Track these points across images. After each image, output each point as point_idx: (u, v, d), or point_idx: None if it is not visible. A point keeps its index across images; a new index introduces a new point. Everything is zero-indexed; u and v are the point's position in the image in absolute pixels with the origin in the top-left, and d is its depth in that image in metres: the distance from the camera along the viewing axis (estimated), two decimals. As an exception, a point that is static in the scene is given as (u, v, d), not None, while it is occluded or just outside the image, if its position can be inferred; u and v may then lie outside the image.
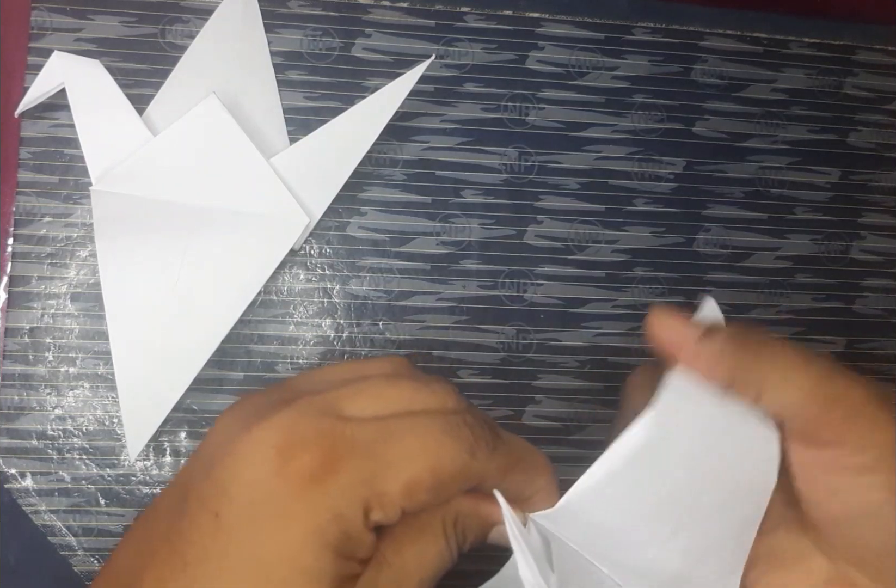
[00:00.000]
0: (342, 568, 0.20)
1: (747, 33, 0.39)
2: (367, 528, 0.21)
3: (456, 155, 0.37)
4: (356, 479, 0.20)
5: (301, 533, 0.20)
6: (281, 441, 0.21)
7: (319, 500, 0.20)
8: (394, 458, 0.21)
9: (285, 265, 0.35)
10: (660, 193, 0.38)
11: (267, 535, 0.20)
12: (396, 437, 0.21)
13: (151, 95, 0.35)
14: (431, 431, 0.21)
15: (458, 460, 0.21)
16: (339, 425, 0.21)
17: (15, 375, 0.33)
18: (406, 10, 0.37)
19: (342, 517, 0.20)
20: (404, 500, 0.21)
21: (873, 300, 0.39)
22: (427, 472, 0.21)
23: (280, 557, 0.20)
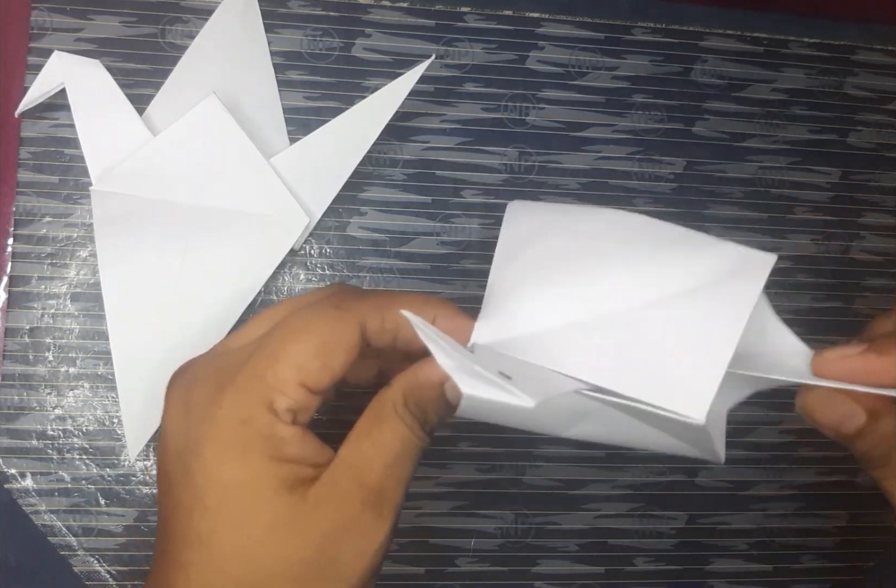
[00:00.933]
0: (278, 472, 0.21)
1: (747, 33, 0.39)
2: (282, 420, 0.21)
3: (456, 155, 0.37)
4: (248, 383, 0.22)
5: (216, 453, 0.21)
6: (181, 392, 0.23)
7: (220, 417, 0.21)
8: (274, 349, 0.22)
9: (285, 265, 0.35)
10: (660, 193, 0.38)
11: (194, 468, 0.21)
12: (272, 334, 0.22)
13: (151, 95, 0.35)
14: (300, 313, 0.23)
15: (328, 317, 0.22)
16: (225, 355, 0.23)
17: (15, 375, 0.33)
18: (406, 10, 0.37)
19: (248, 420, 0.21)
20: (298, 374, 0.21)
21: (873, 300, 0.39)
22: (303, 341, 0.22)
23: (208, 482, 0.21)
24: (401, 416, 0.22)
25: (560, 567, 0.36)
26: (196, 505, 0.21)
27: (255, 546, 0.21)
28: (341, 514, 0.21)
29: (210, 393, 0.22)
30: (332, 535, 0.21)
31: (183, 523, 0.22)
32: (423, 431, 0.23)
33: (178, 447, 0.22)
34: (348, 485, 0.22)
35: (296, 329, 0.22)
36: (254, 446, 0.21)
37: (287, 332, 0.22)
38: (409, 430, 0.22)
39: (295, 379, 0.22)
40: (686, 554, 0.37)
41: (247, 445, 0.21)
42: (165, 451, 0.23)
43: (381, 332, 0.23)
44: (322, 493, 0.21)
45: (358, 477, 0.22)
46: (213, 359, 0.24)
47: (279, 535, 0.21)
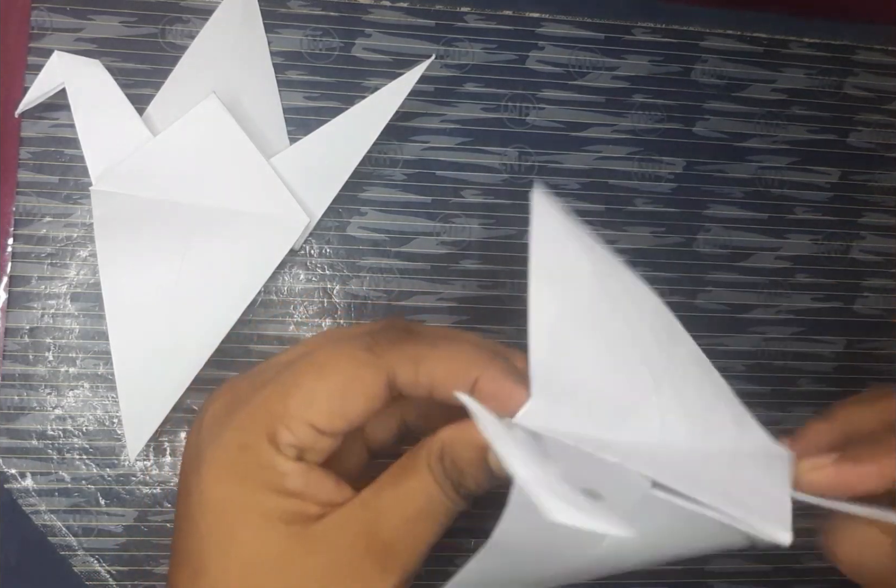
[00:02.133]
0: (277, 503, 0.20)
1: (747, 33, 0.39)
2: (284, 454, 0.20)
3: (456, 155, 0.37)
4: (253, 409, 0.20)
5: (213, 473, 0.20)
6: (203, 409, 0.22)
7: (222, 438, 0.20)
8: (286, 382, 0.21)
9: (285, 265, 0.35)
10: (660, 193, 0.38)
11: (193, 486, 0.21)
12: (293, 365, 0.21)
13: (151, 95, 0.35)
14: (325, 348, 0.21)
15: (353, 359, 0.20)
16: (248, 375, 0.22)
17: (15, 375, 0.33)
18: (406, 10, 0.37)
19: (247, 447, 0.20)
20: (305, 412, 0.20)
21: (873, 300, 0.39)
22: (318, 379, 0.20)
23: (203, 503, 0.20)
24: (433, 470, 0.20)
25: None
26: (190, 527, 0.21)
27: (242, 578, 0.20)
28: (339, 559, 0.20)
29: (222, 414, 0.21)
30: (324, 579, 0.20)
31: (179, 542, 0.21)
32: (455, 493, 0.21)
33: (186, 463, 0.22)
34: (356, 529, 0.20)
35: (317, 365, 0.21)
36: (250, 474, 0.20)
37: (308, 367, 0.21)
38: (438, 487, 0.20)
39: (302, 417, 0.20)
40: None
41: (244, 472, 0.20)
42: (181, 466, 0.22)
43: (415, 385, 0.21)
44: (324, 532, 0.20)
45: (369, 524, 0.20)
46: (241, 379, 0.23)
47: (267, 569, 0.20)
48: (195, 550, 0.20)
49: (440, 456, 0.20)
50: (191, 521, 0.21)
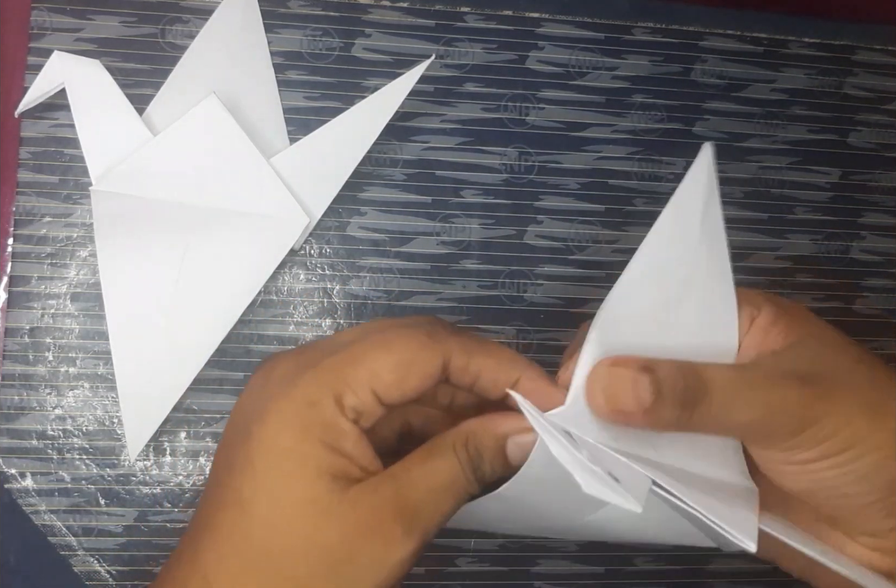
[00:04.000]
0: (329, 459, 0.22)
1: (747, 33, 0.39)
2: (346, 415, 0.22)
3: (456, 155, 0.37)
4: (324, 371, 0.23)
5: (279, 423, 0.22)
6: (267, 367, 0.24)
7: (292, 393, 0.23)
8: (358, 352, 0.23)
9: (285, 265, 0.35)
10: (660, 193, 0.38)
11: (254, 432, 0.22)
12: (363, 339, 0.24)
13: (151, 95, 0.35)
14: (394, 329, 0.24)
15: (416, 340, 0.23)
16: (315, 344, 0.25)
17: (15, 375, 0.33)
18: (406, 10, 0.37)
19: (314, 404, 0.22)
20: (371, 381, 0.22)
21: (873, 300, 0.39)
22: (386, 353, 0.23)
23: (263, 447, 0.22)
24: (457, 453, 0.23)
25: (560, 567, 0.36)
26: (246, 466, 0.22)
27: (286, 520, 0.22)
28: (373, 518, 0.22)
29: (290, 372, 0.23)
30: (357, 533, 0.22)
31: (227, 483, 0.23)
32: (473, 476, 0.23)
33: (247, 410, 0.24)
34: (388, 494, 0.22)
35: (385, 341, 0.23)
36: (314, 428, 0.22)
37: (376, 342, 0.23)
38: (461, 468, 0.23)
39: (368, 383, 0.23)
40: (686, 554, 0.37)
41: (308, 426, 0.22)
42: (236, 412, 0.24)
43: (464, 373, 0.24)
44: (362, 493, 0.22)
45: (400, 490, 0.22)
46: (301, 348, 0.25)
47: (311, 516, 0.22)
48: (246, 491, 0.22)
49: (465, 442, 0.23)
50: (246, 464, 0.22)
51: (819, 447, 0.22)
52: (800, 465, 0.23)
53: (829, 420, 0.22)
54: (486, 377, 0.24)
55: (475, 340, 0.24)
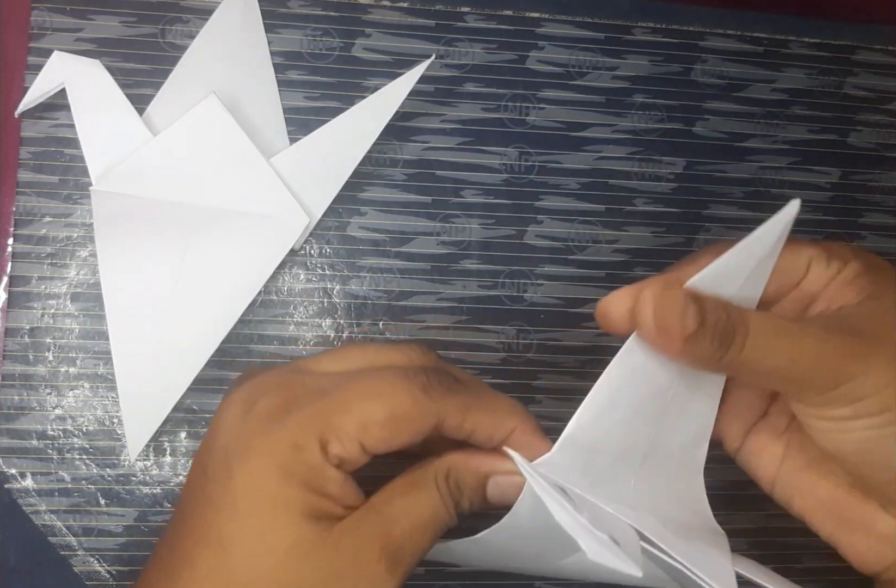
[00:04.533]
0: (313, 501, 0.22)
1: (747, 33, 0.39)
2: (330, 462, 0.22)
3: (456, 155, 0.37)
4: (312, 415, 0.23)
5: (262, 464, 0.22)
6: (246, 394, 0.24)
7: (277, 434, 0.22)
8: (349, 399, 0.23)
9: (285, 265, 0.35)
10: (660, 193, 0.38)
11: (236, 471, 0.22)
12: (353, 382, 0.23)
13: (151, 95, 0.35)
14: (386, 377, 0.23)
15: (411, 397, 0.23)
16: (300, 376, 0.24)
17: (15, 375, 0.33)
18: (406, 10, 0.37)
19: (300, 448, 0.22)
20: (359, 433, 0.22)
21: (873, 300, 0.39)
22: (378, 406, 0.22)
23: (247, 488, 0.22)
24: (439, 488, 0.23)
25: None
26: (228, 506, 0.22)
27: (270, 561, 0.22)
28: (356, 557, 0.22)
29: (276, 408, 0.23)
30: (341, 575, 0.22)
31: (207, 521, 0.22)
32: (454, 508, 0.23)
33: (227, 445, 0.23)
34: (372, 530, 0.22)
35: (377, 393, 0.23)
36: (298, 472, 0.22)
37: (368, 390, 0.23)
38: (442, 502, 0.23)
39: (355, 435, 0.22)
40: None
41: (293, 469, 0.22)
42: (212, 443, 0.24)
43: (459, 430, 0.24)
44: (345, 532, 0.22)
45: (383, 525, 0.22)
46: (289, 375, 0.25)
47: (294, 559, 0.22)
48: (228, 531, 0.22)
49: (447, 475, 0.23)
50: (227, 503, 0.22)
51: (854, 405, 0.22)
52: (834, 421, 0.22)
53: (868, 379, 0.21)
54: (482, 433, 0.24)
55: (472, 396, 0.24)
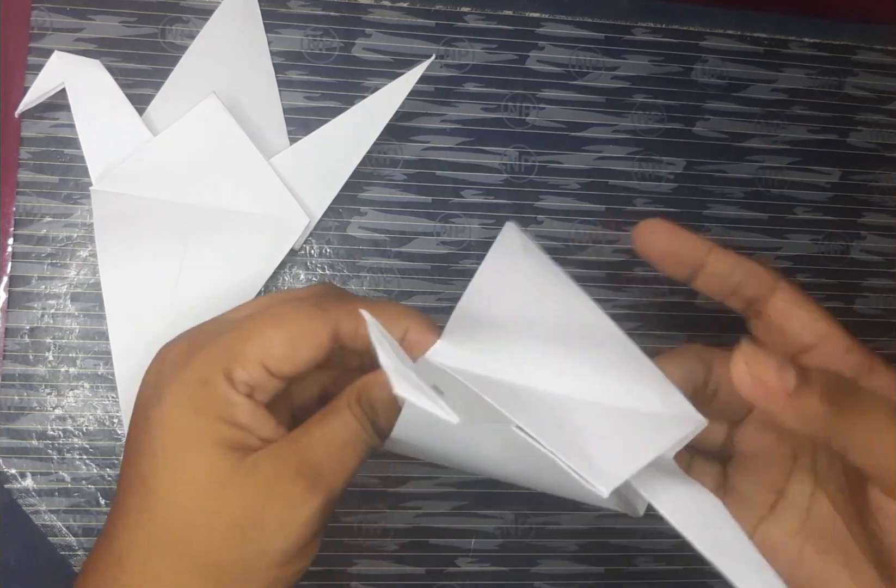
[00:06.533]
0: (223, 431, 0.23)
1: (747, 33, 0.39)
2: (238, 390, 0.23)
3: (456, 155, 0.37)
4: (214, 350, 0.23)
5: (173, 402, 0.23)
6: (160, 353, 0.25)
7: (185, 374, 0.23)
8: (248, 328, 0.24)
9: (285, 265, 0.35)
10: (660, 193, 0.38)
11: (152, 415, 0.23)
12: (253, 316, 0.24)
13: (151, 95, 0.35)
14: (283, 303, 0.24)
15: (304, 312, 0.24)
16: (206, 324, 0.25)
17: (15, 375, 0.33)
18: (406, 10, 0.37)
19: (206, 381, 0.23)
20: (260, 355, 0.23)
21: (873, 300, 0.39)
22: (275, 328, 0.23)
23: (161, 427, 0.23)
24: (352, 409, 0.24)
25: (560, 567, 0.36)
26: (146, 449, 0.23)
27: (189, 495, 0.22)
28: (273, 481, 0.22)
29: (182, 353, 0.24)
30: (259, 499, 0.22)
31: (132, 468, 0.23)
32: (372, 430, 0.24)
33: (145, 396, 0.24)
34: (287, 457, 0.23)
35: (273, 316, 0.24)
36: (207, 405, 0.23)
37: (265, 318, 0.24)
38: (357, 423, 0.23)
39: (258, 358, 0.23)
40: (686, 554, 0.37)
41: (201, 403, 0.23)
42: (137, 399, 0.25)
43: (356, 337, 0.24)
44: (260, 459, 0.23)
45: (299, 452, 0.23)
46: (194, 329, 0.26)
47: (211, 489, 0.22)
48: (149, 472, 0.23)
49: (358, 398, 0.24)
50: (146, 446, 0.23)
51: None
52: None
53: None
54: None
55: (363, 303, 0.25)
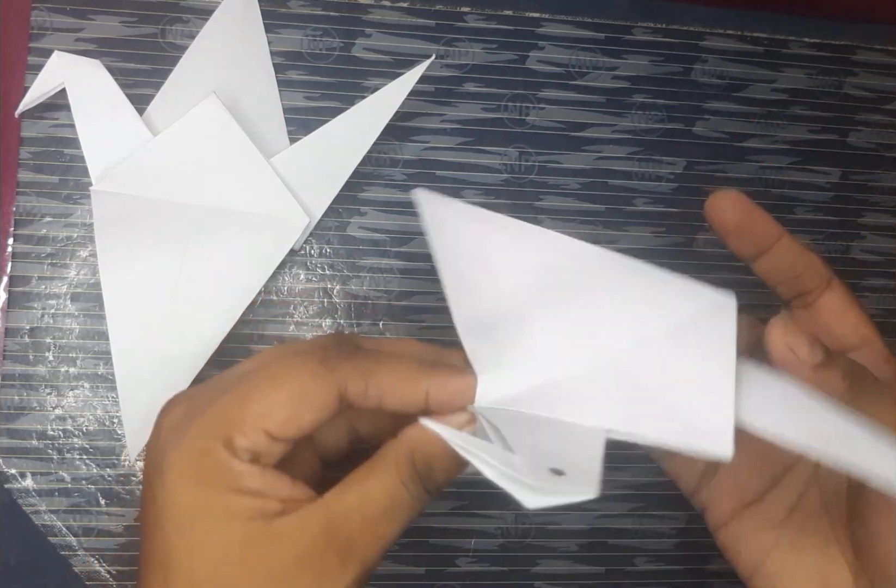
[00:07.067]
0: (233, 502, 0.21)
1: (747, 33, 0.39)
2: (239, 457, 0.21)
3: (456, 155, 0.37)
4: (211, 417, 0.22)
5: (175, 478, 0.22)
6: (160, 417, 0.24)
7: (182, 445, 0.22)
8: (246, 391, 0.22)
9: (285, 265, 0.35)
10: (660, 193, 0.38)
11: (157, 491, 0.22)
12: (251, 374, 0.23)
13: (151, 95, 0.35)
14: (284, 360, 0.23)
15: (307, 371, 0.22)
16: (206, 383, 0.24)
17: (15, 375, 0.33)
18: (406, 10, 0.37)
19: (204, 452, 0.21)
20: (261, 420, 0.21)
21: (873, 300, 0.39)
22: (275, 389, 0.22)
23: (168, 506, 0.21)
24: (400, 469, 0.22)
25: (560, 567, 0.36)
26: (156, 527, 0.22)
27: (207, 573, 0.21)
28: (300, 553, 0.21)
29: (181, 420, 0.23)
30: (286, 571, 0.21)
31: (146, 544, 0.22)
32: (422, 490, 0.22)
33: (149, 468, 0.23)
34: (317, 526, 0.21)
35: (273, 375, 0.22)
36: (210, 477, 0.21)
37: (265, 376, 0.22)
38: (403, 487, 0.22)
39: (258, 423, 0.21)
40: (686, 554, 0.37)
41: (203, 476, 0.21)
42: (144, 466, 0.24)
43: (364, 398, 0.22)
44: (285, 528, 0.21)
45: (331, 521, 0.21)
46: (199, 388, 0.24)
47: (230, 565, 0.21)
48: (163, 552, 0.21)
49: (410, 455, 0.22)
50: (157, 525, 0.22)
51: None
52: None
53: None
54: (391, 397, 0.22)
55: (372, 359, 0.23)
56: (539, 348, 0.22)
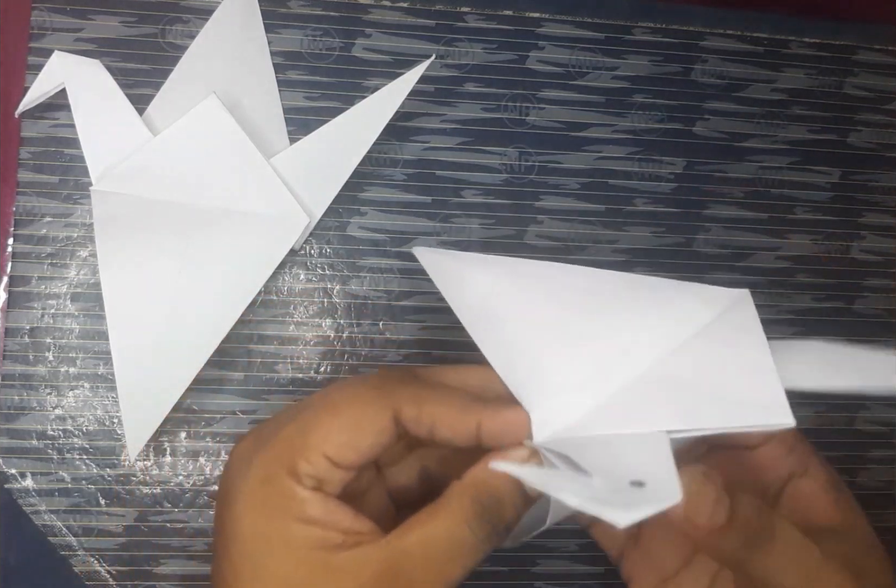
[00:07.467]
0: (296, 531, 0.21)
1: (747, 33, 0.39)
2: (304, 484, 0.22)
3: (456, 155, 0.37)
4: (276, 445, 0.23)
5: (243, 508, 0.22)
6: (234, 449, 0.24)
7: (249, 474, 0.22)
8: (308, 418, 0.23)
9: (285, 265, 0.35)
10: (660, 193, 0.38)
11: (226, 521, 0.22)
12: (309, 408, 0.23)
13: (151, 95, 0.35)
14: (339, 391, 0.24)
15: (362, 397, 0.23)
16: (272, 418, 0.24)
17: (15, 375, 0.33)
18: (406, 10, 0.37)
19: (269, 480, 0.22)
20: (321, 446, 0.22)
21: (873, 300, 0.39)
22: (333, 415, 0.23)
23: (235, 535, 0.22)
24: (465, 510, 0.22)
25: (560, 567, 0.36)
26: (224, 554, 0.22)
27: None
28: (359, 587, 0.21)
29: (249, 450, 0.23)
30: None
31: (217, 567, 0.23)
32: (489, 531, 0.22)
33: (220, 495, 0.24)
34: (379, 564, 0.21)
35: (332, 403, 0.23)
36: (274, 505, 0.22)
37: (323, 405, 0.23)
38: (467, 528, 0.21)
39: (318, 449, 0.22)
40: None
41: (268, 504, 0.22)
42: (217, 496, 0.25)
43: (417, 423, 0.23)
44: (348, 564, 0.21)
45: (394, 560, 0.21)
46: (267, 421, 0.25)
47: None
48: (230, 577, 0.22)
49: (477, 495, 0.22)
50: (225, 552, 0.22)
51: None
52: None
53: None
54: (443, 426, 0.23)
55: (428, 388, 0.23)
56: (579, 373, 0.23)
